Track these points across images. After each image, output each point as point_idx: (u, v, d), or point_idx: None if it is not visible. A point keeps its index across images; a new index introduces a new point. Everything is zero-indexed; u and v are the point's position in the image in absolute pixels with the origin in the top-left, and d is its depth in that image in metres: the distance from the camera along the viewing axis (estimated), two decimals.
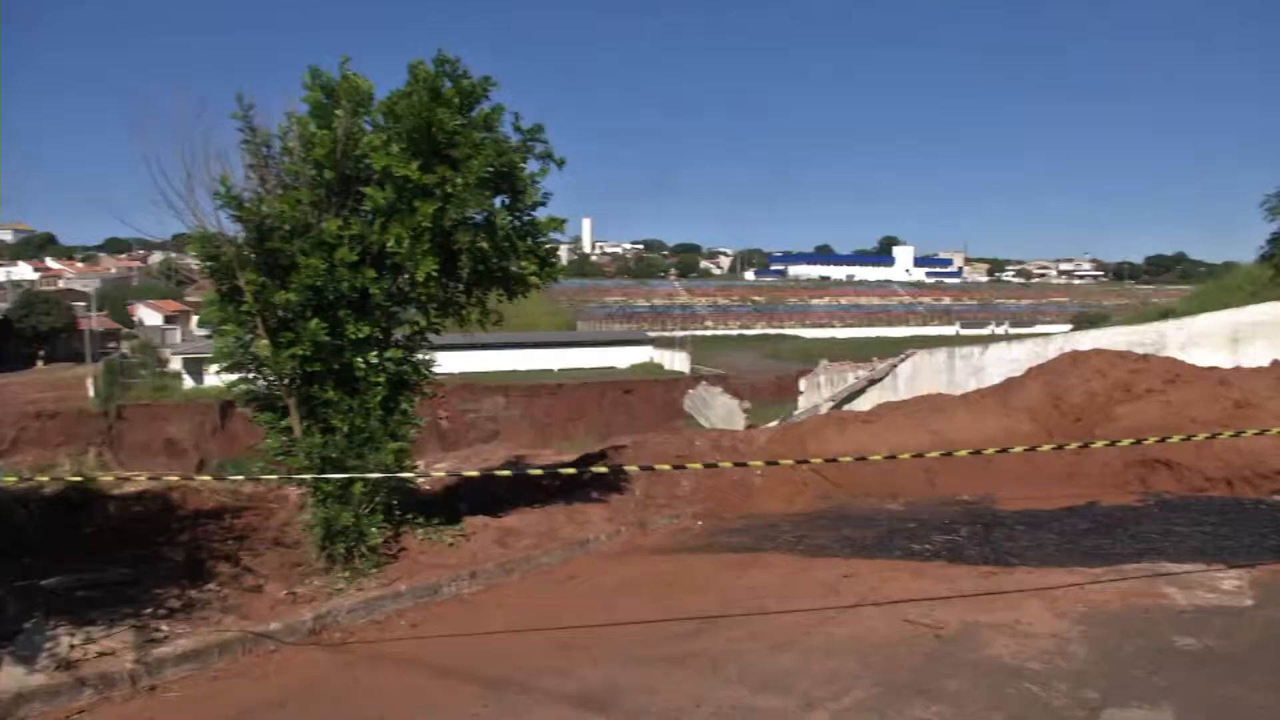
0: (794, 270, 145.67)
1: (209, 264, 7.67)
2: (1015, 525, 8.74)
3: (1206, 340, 24.65)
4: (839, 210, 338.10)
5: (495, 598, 7.73)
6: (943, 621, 6.10)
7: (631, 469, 10.45)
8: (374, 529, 7.86)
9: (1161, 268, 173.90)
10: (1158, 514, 8.90)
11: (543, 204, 8.67)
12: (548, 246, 8.94)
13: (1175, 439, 8.12)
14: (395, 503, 8.29)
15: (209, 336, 8.38)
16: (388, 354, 8.19)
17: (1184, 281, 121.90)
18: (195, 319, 60.49)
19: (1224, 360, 20.53)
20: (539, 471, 10.12)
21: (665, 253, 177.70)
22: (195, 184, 7.56)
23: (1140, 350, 17.34)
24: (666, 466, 9.43)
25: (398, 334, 8.57)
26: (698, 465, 9.53)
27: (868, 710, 4.80)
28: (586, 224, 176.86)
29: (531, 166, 8.57)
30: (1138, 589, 6.65)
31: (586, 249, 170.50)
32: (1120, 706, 4.70)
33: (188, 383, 53.51)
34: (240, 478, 8.64)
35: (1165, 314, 31.94)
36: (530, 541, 8.81)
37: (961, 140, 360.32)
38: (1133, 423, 10.70)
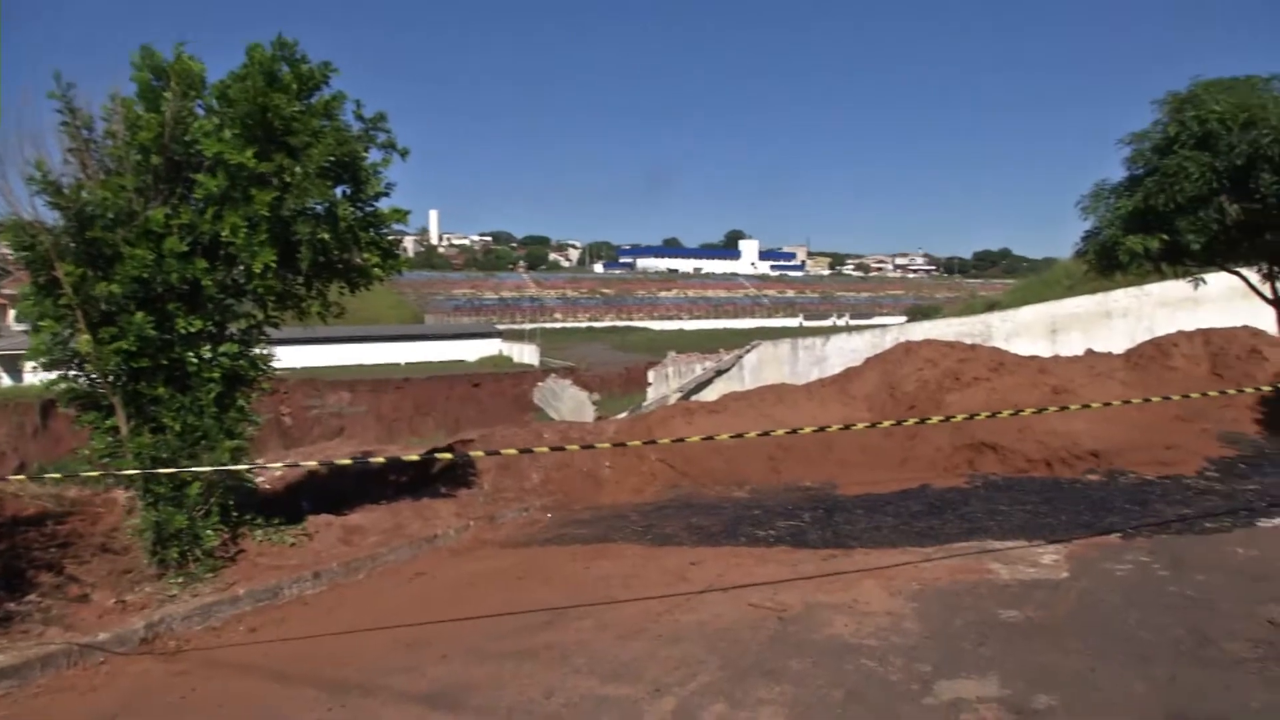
0: (642, 263, 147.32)
1: (23, 254, 7.16)
2: (854, 509, 9.09)
3: (1028, 331, 26.26)
4: (687, 205, 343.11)
5: (339, 598, 7.52)
6: (786, 604, 6.29)
7: (477, 454, 10.36)
8: (209, 531, 7.50)
9: (988, 263, 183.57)
10: (984, 495, 9.41)
11: (386, 194, 8.46)
12: (391, 238, 8.74)
13: (1005, 412, 8.60)
14: (232, 503, 7.94)
15: (27, 332, 7.82)
16: (222, 349, 7.83)
17: (1009, 276, 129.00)
18: (12, 313, 56.62)
19: (1044, 349, 21.84)
20: (382, 460, 9.92)
21: (514, 245, 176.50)
22: (8, 167, 7.06)
23: (969, 340, 18.27)
24: (513, 451, 9.41)
25: (233, 328, 8.20)
26: (544, 449, 9.53)
27: (714, 693, 4.91)
28: (433, 215, 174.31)
29: (374, 156, 8.35)
30: (966, 566, 7.02)
31: (434, 241, 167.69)
32: (950, 678, 4.96)
33: (5, 381, 50.00)
34: (61, 479, 8.13)
35: (992, 306, 33.74)
36: (376, 539, 8.61)
37: (804, 138, 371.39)
38: (961, 409, 11.25)
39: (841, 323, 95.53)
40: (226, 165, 7.37)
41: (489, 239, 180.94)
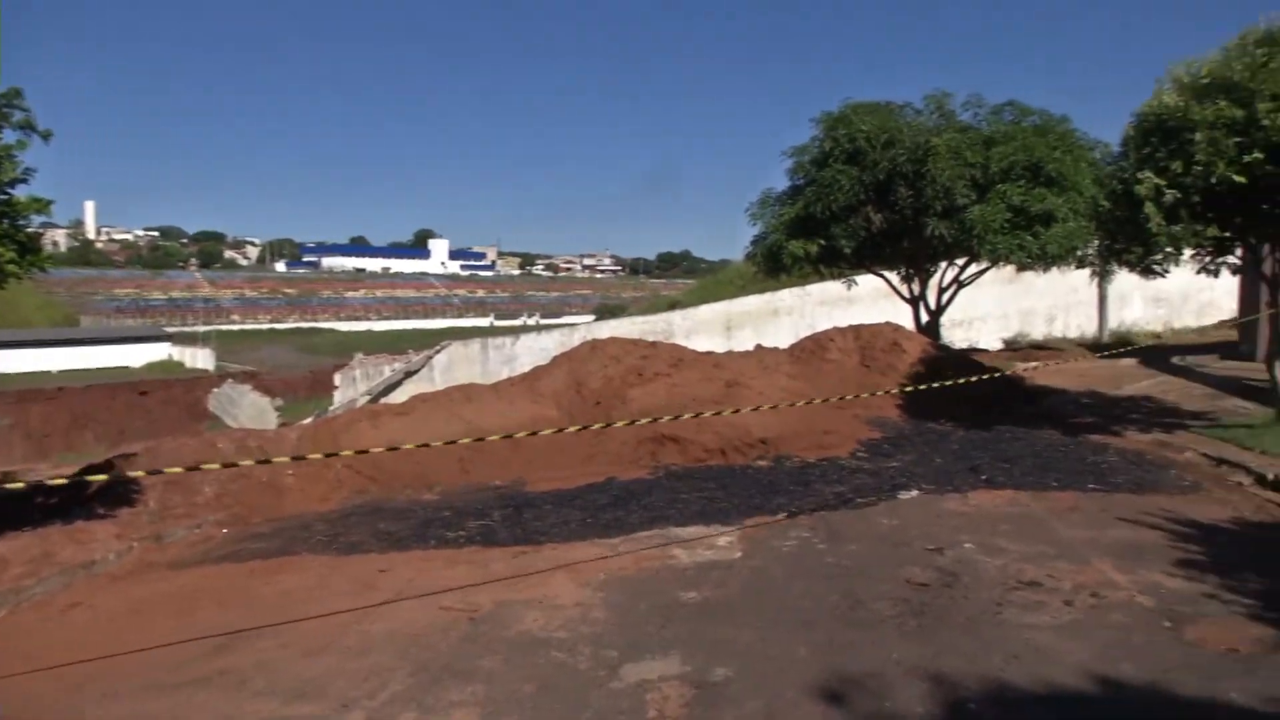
0: (328, 262, 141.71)
1: None
2: (544, 505, 9.25)
3: (706, 328, 27.81)
4: (375, 202, 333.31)
5: None
6: (477, 604, 6.31)
7: (138, 473, 9.50)
8: None
9: (671, 264, 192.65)
10: (666, 485, 9.89)
11: (24, 181, 7.55)
12: (30, 230, 7.83)
13: (707, 413, 9.06)
14: None
15: None
16: None
17: (689, 276, 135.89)
18: None
19: (720, 345, 23.17)
20: (21, 485, 8.86)
21: (184, 241, 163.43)
22: None
23: (653, 338, 19.09)
24: (179, 469, 8.66)
25: None
26: (215, 465, 8.84)
27: (405, 701, 4.83)
28: (89, 207, 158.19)
29: (8, 137, 7.45)
30: (650, 553, 7.36)
31: (90, 235, 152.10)
32: (636, 660, 5.20)
33: None
34: None
35: (674, 305, 35.41)
36: (21, 570, 7.69)
37: (496, 137, 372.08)
38: (644, 404, 11.78)
39: (532, 322, 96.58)
40: None
41: (155, 234, 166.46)
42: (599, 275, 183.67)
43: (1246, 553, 7.08)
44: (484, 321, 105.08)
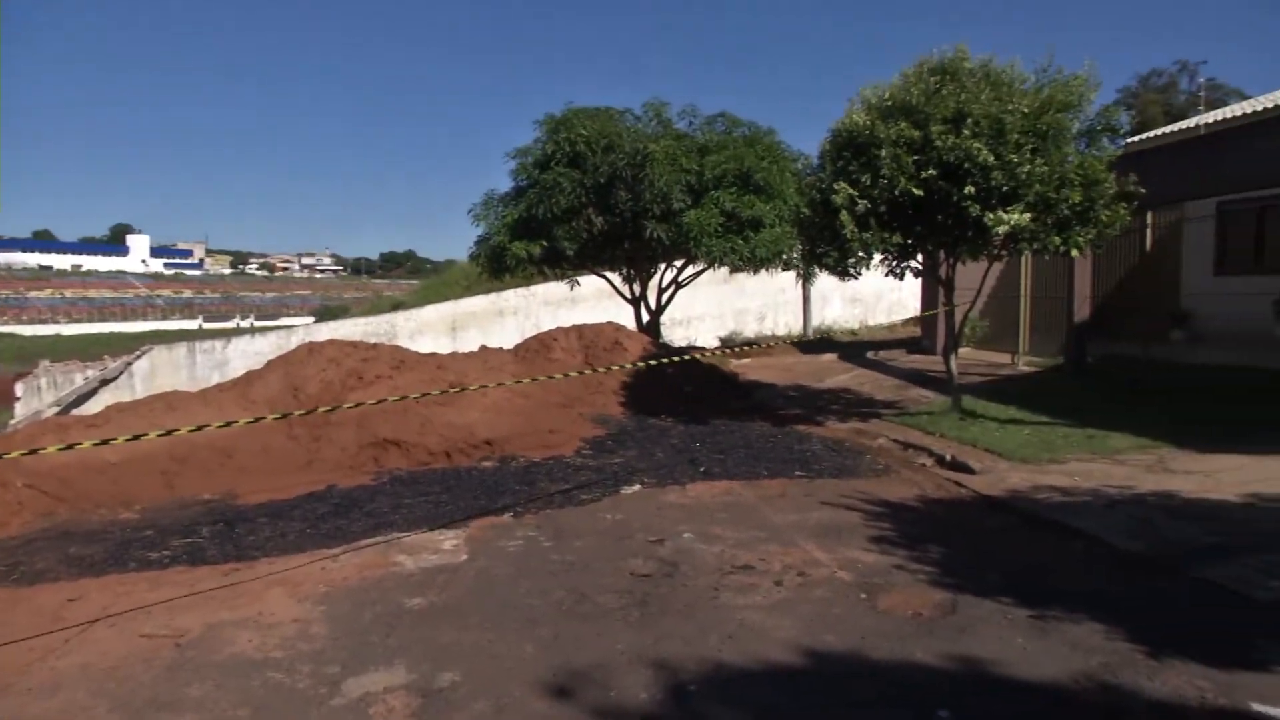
0: (6, 258, 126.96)
1: None
2: (258, 518, 8.75)
3: (431, 329, 27.36)
4: (62, 193, 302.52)
5: None
6: (184, 628, 5.87)
7: None
8: None
9: (394, 263, 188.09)
10: (390, 490, 9.64)
11: None
12: None
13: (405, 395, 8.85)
14: None
15: None
16: None
17: (413, 276, 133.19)
18: None
19: (446, 346, 22.89)
20: None
21: None
22: None
23: (377, 339, 18.59)
24: None
25: None
26: None
27: None
28: None
29: None
30: (373, 561, 7.14)
31: None
32: (359, 674, 5.02)
33: None
34: None
35: (397, 306, 34.58)
36: None
37: (202, 126, 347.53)
38: (365, 408, 11.41)
39: (246, 324, 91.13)
40: None
41: None
42: (319, 275, 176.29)
43: (929, 527, 7.85)
44: (192, 324, 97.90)
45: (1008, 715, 4.39)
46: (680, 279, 21.52)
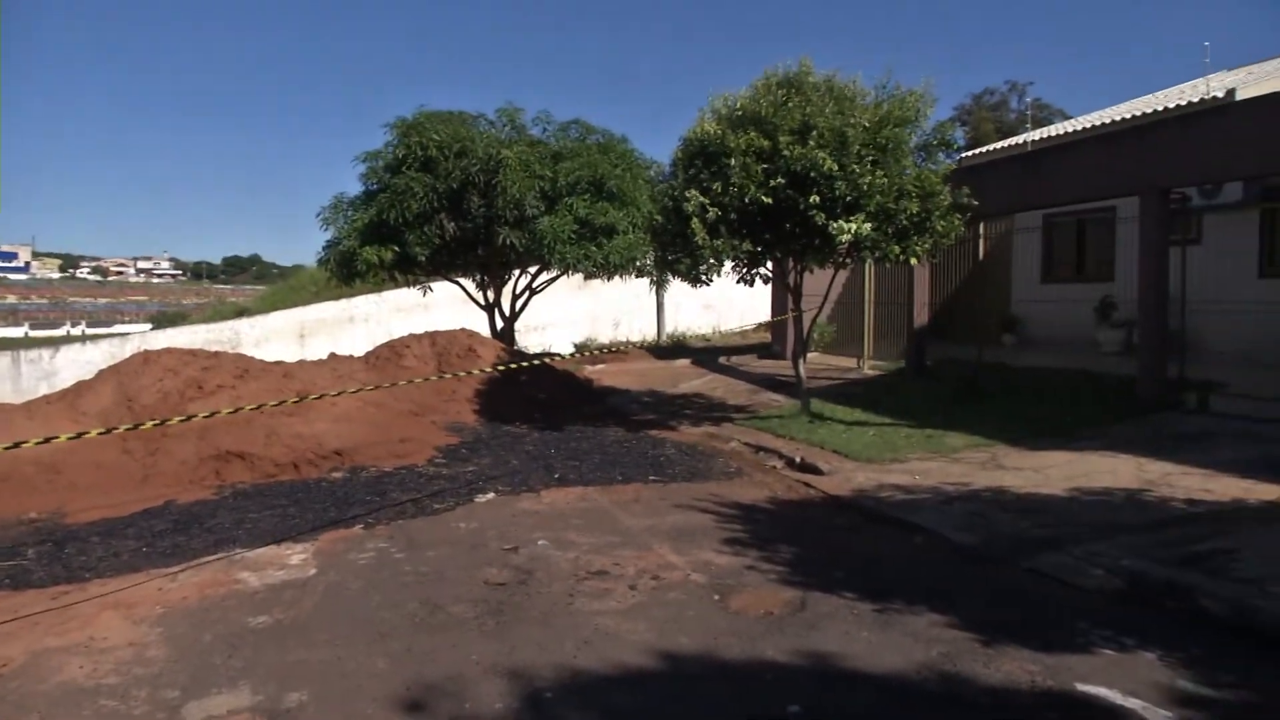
0: None
1: None
2: (90, 537, 8.26)
3: (278, 336, 26.50)
4: None
5: None
6: (6, 657, 5.48)
7: None
8: None
9: (238, 268, 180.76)
10: (234, 504, 9.26)
11: None
12: None
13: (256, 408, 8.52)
14: None
15: None
16: None
17: (259, 282, 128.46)
18: None
19: (294, 354, 22.19)
20: None
21: None
22: None
23: (220, 347, 17.82)
24: None
25: None
26: None
27: None
28: None
29: None
30: (215, 579, 6.84)
31: None
32: (200, 697, 4.80)
33: None
34: None
35: (241, 312, 33.35)
36: None
37: (28, 122, 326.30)
38: (206, 419, 10.94)
39: (77, 332, 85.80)
40: None
41: None
42: (156, 280, 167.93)
43: (779, 527, 8.05)
44: (16, 331, 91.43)
45: (855, 707, 4.54)
46: (534, 285, 21.46)
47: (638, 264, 19.35)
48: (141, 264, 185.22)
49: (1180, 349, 12.59)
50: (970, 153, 20.69)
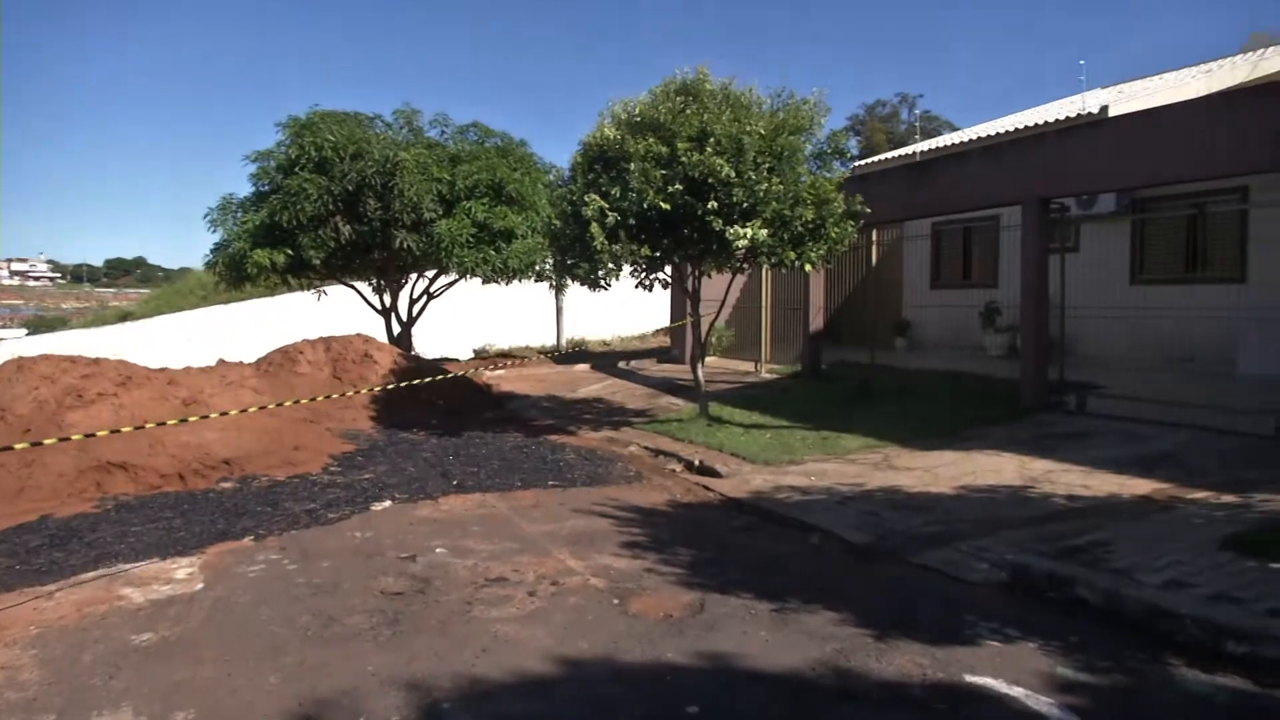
0: None
1: None
2: None
3: (164, 341, 25.58)
4: None
5: None
6: None
7: None
8: None
9: (122, 271, 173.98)
10: (115, 518, 8.89)
11: None
12: None
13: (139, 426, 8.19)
14: None
15: None
16: None
17: (144, 285, 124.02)
18: None
19: (181, 359, 21.41)
20: None
21: None
22: None
23: (102, 354, 17.09)
24: None
25: None
26: None
27: None
28: None
29: None
30: (95, 597, 6.56)
31: None
32: None
33: None
34: None
35: (125, 317, 32.19)
36: None
37: None
38: (86, 429, 10.47)
39: None
40: None
41: None
42: (33, 283, 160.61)
43: (678, 530, 8.11)
44: None
45: (752, 706, 4.60)
46: (432, 290, 21.21)
47: (537, 268, 19.31)
48: (16, 266, 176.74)
49: (1060, 352, 13.14)
50: (863, 161, 21.23)
